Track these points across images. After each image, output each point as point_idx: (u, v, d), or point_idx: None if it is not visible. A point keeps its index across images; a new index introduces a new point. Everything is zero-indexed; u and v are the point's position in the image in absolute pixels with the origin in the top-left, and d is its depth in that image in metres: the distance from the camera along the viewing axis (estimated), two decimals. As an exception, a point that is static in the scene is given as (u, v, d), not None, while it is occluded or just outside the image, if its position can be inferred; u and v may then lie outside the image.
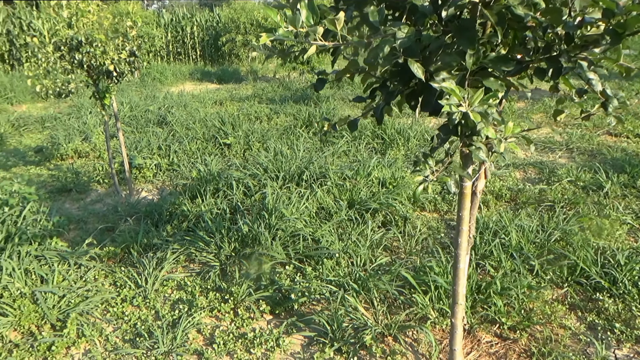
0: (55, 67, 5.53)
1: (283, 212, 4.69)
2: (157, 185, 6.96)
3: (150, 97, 12.39)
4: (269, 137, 7.94)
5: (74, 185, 6.81)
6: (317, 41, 1.74)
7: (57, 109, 12.08)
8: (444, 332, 3.41)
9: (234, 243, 4.54)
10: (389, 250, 4.57)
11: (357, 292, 3.71)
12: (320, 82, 2.35)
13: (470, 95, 1.70)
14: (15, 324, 3.66)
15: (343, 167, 6.05)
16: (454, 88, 1.63)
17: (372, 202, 5.06)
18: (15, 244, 4.38)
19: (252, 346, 3.33)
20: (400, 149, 7.34)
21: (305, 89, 12.66)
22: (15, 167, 7.93)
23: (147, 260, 4.38)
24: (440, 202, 5.43)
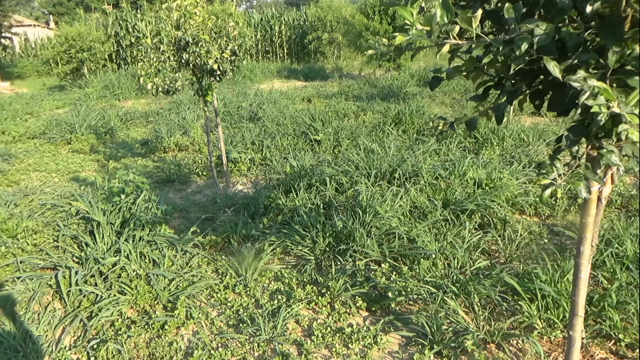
0: (164, 66, 5.93)
1: (377, 209, 4.68)
2: (251, 178, 7.24)
3: (241, 94, 12.91)
4: (358, 134, 7.96)
5: (176, 176, 7.27)
6: (452, 39, 1.70)
7: (158, 105, 12.94)
8: (551, 344, 3.23)
9: (328, 238, 4.61)
10: (487, 254, 4.41)
11: (457, 295, 3.61)
12: (435, 80, 2.30)
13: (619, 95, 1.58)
14: (132, 302, 3.98)
15: (436, 167, 5.92)
16: (606, 87, 1.53)
17: (468, 202, 4.90)
18: (131, 228, 4.76)
19: (349, 341, 3.37)
20: (495, 149, 7.05)
21: (392, 86, 12.53)
22: (124, 158, 8.62)
23: (246, 250, 4.56)
24: (542, 206, 5.14)
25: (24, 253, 4.67)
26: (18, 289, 4.11)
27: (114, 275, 4.20)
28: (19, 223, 5.12)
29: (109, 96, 14.89)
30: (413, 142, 7.56)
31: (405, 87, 12.29)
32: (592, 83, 1.57)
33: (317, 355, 3.29)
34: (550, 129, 7.97)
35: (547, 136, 7.53)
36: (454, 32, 1.67)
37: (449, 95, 11.60)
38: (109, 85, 15.61)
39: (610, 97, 1.52)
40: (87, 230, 4.95)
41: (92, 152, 9.03)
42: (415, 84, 13.07)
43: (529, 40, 1.61)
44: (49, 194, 6.48)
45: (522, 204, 5.16)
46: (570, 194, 5.26)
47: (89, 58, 18.23)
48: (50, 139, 9.74)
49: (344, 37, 16.92)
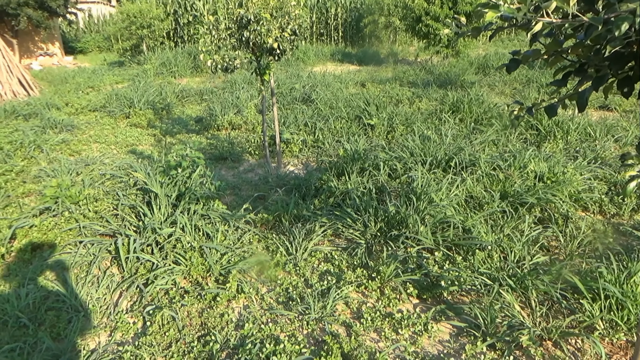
0: (225, 43, 6.01)
1: (432, 197, 4.60)
2: (302, 160, 7.29)
3: (294, 76, 12.96)
4: (413, 120, 7.83)
5: (229, 154, 7.42)
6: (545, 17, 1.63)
7: (213, 84, 13.21)
8: (613, 346, 3.10)
9: (380, 223, 4.58)
10: (546, 250, 4.26)
11: (513, 288, 3.52)
12: (513, 62, 2.21)
13: None
14: (185, 273, 4.12)
15: (494, 157, 5.75)
16: None
17: (528, 196, 4.73)
18: (186, 202, 4.91)
19: (399, 327, 3.35)
20: (559, 143, 6.75)
21: (449, 73, 12.21)
22: (179, 134, 8.87)
23: (296, 230, 4.62)
24: (607, 203, 4.90)
25: (85, 219, 4.92)
26: (80, 253, 4.34)
27: (169, 245, 4.35)
28: (81, 190, 5.39)
29: (165, 73, 15.32)
30: (470, 132, 7.36)
31: (463, 74, 11.94)
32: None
33: (366, 338, 3.30)
34: (619, 124, 7.55)
35: (616, 132, 7.14)
36: (550, 8, 1.59)
37: (510, 85, 11.18)
38: (165, 63, 16.05)
39: None
40: (144, 201, 5.14)
41: (149, 127, 9.34)
42: (474, 72, 12.68)
43: (630, 20, 1.51)
44: (108, 164, 6.78)
45: (586, 201, 4.94)
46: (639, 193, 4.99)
47: (148, 35, 18.78)
48: (110, 113, 10.15)
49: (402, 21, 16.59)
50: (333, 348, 3.07)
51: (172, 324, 3.49)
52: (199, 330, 3.46)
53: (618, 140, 6.77)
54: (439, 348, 3.21)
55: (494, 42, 19.28)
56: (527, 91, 10.43)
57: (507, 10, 1.64)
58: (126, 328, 3.47)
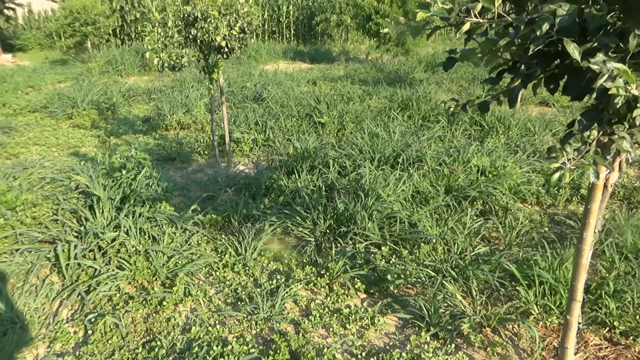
0: (171, 41, 5.89)
1: (380, 193, 4.69)
2: (252, 159, 7.25)
3: (246, 74, 12.84)
4: (363, 118, 7.94)
5: (178, 154, 7.28)
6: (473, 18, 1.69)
7: (161, 83, 12.89)
8: (546, 330, 3.26)
9: (329, 220, 4.63)
10: (487, 241, 4.43)
11: (455, 279, 3.64)
12: (450, 60, 2.29)
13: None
14: (130, 278, 4.02)
15: (440, 153, 5.92)
16: (626, 69, 1.52)
17: (471, 189, 4.91)
18: (131, 204, 4.78)
19: (347, 322, 3.41)
20: (500, 137, 7.03)
21: (399, 71, 12.45)
22: (125, 135, 8.62)
23: (246, 230, 4.59)
24: (544, 195, 5.15)
25: (22, 226, 4.70)
26: (16, 262, 4.15)
27: (113, 250, 4.23)
28: (18, 195, 5.14)
29: (111, 72, 14.82)
30: (418, 128, 7.54)
31: (412, 72, 12.21)
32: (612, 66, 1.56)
33: (315, 335, 3.34)
34: (557, 119, 7.94)
35: (554, 126, 7.50)
36: (476, 9, 1.65)
37: (456, 83, 11.52)
38: (112, 61, 15.51)
39: (630, 79, 1.52)
40: (86, 204, 4.97)
41: (93, 128, 9.03)
42: (422, 70, 12.97)
43: (550, 21, 1.60)
44: (48, 167, 6.49)
45: (525, 193, 5.17)
46: (573, 184, 5.26)
47: (93, 32, 18.08)
48: (51, 113, 9.73)
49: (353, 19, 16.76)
50: (281, 346, 3.08)
51: (115, 332, 3.40)
52: (144, 336, 3.39)
53: (555, 135, 7.12)
54: (385, 340, 3.28)
55: (442, 41, 19.79)
56: (472, 88, 10.79)
57: (438, 10, 1.69)
58: (66, 338, 3.35)
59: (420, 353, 3.04)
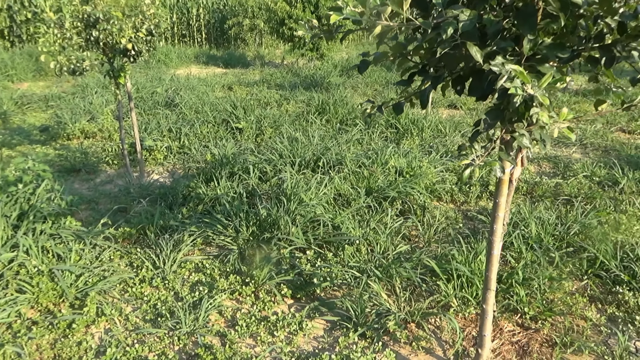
0: (70, 43, 5.53)
1: (302, 197, 4.72)
2: (167, 167, 6.99)
3: (156, 79, 12.36)
4: (281, 122, 7.96)
5: (83, 165, 6.84)
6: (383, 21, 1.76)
7: (60, 88, 12.05)
8: (465, 320, 3.47)
9: (252, 227, 4.58)
10: (407, 239, 4.62)
11: (379, 278, 3.76)
12: (363, 63, 2.37)
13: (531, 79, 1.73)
14: (33, 302, 3.70)
15: (359, 155, 6.08)
16: (521, 70, 1.66)
17: (390, 190, 5.10)
18: (30, 221, 4.41)
19: (274, 329, 3.39)
20: (415, 139, 7.37)
21: (315, 76, 12.64)
22: (20, 146, 7.94)
23: (163, 242, 4.41)
24: (457, 193, 5.47)
25: None
26: None
27: (10, 272, 3.88)
28: None
29: (0, 77, 13.60)
30: (336, 132, 7.70)
31: (328, 77, 12.44)
32: (510, 67, 1.70)
33: (242, 345, 3.28)
34: (465, 120, 8.48)
35: (462, 127, 8.00)
36: (386, 13, 1.72)
37: (371, 87, 11.91)
38: (0, 65, 14.25)
39: (525, 79, 1.66)
40: (-22, 223, 4.51)
41: (-18, 139, 8.22)
42: (338, 74, 13.25)
43: (454, 25, 1.71)
44: None
45: (440, 192, 5.46)
46: (482, 182, 5.65)
47: (-24, 34, 16.51)
48: None
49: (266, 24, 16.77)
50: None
51: (18, 361, 3.12)
52: (52, 363, 3.14)
53: (464, 135, 7.60)
54: (314, 344, 3.31)
55: (355, 46, 20.40)
56: (386, 92, 11.21)
57: (350, 13, 1.75)
58: (-41, 373, 3.01)
59: (349, 354, 3.09)
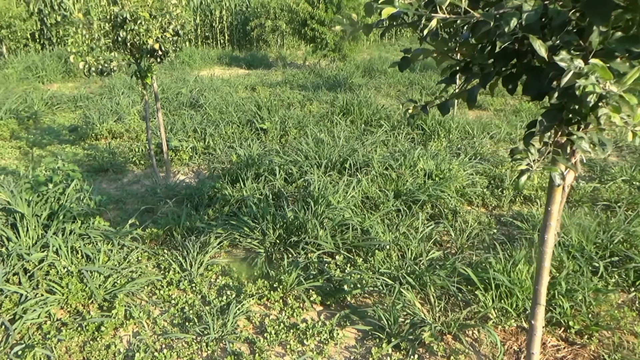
0: (98, 44, 5.49)
1: (330, 200, 4.57)
2: (192, 168, 6.92)
3: (180, 80, 12.37)
4: (305, 123, 7.82)
5: (111, 165, 6.81)
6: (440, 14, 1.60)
7: (88, 89, 12.13)
8: (505, 333, 3.28)
9: (279, 230, 4.45)
10: (439, 244, 4.44)
11: (412, 286, 3.59)
12: (404, 60, 2.21)
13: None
14: (62, 302, 3.63)
15: (386, 157, 5.91)
16: (602, 65, 1.47)
17: (420, 193, 4.91)
18: (60, 221, 4.36)
19: (304, 337, 3.25)
20: (442, 141, 7.16)
21: (337, 76, 12.48)
22: (50, 145, 7.97)
23: (190, 243, 4.32)
24: (489, 196, 5.26)
25: None
26: None
27: (41, 272, 3.82)
28: None
29: (31, 78, 13.76)
30: (362, 133, 7.53)
31: (351, 77, 12.26)
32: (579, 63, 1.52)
33: (271, 353, 3.15)
34: (492, 122, 8.22)
35: (491, 129, 7.75)
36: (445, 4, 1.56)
37: (394, 87, 11.71)
38: (31, 67, 14.41)
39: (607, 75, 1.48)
40: (8, 223, 4.47)
41: (13, 139, 8.28)
42: (360, 75, 13.08)
43: (517, 17, 1.54)
44: (-39, 183, 5.84)
45: (471, 195, 5.25)
46: (515, 185, 5.41)
47: (8, 36, 16.79)
48: (-38, 123, 8.82)
49: (288, 25, 16.66)
50: (236, 369, 2.87)
51: (46, 365, 3.04)
52: (80, 367, 3.05)
53: (492, 137, 7.35)
54: (346, 355, 3.16)
55: (376, 47, 20.15)
56: (410, 93, 11.00)
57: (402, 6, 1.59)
58: (-13, 376, 2.95)
59: (383, 365, 2.94)
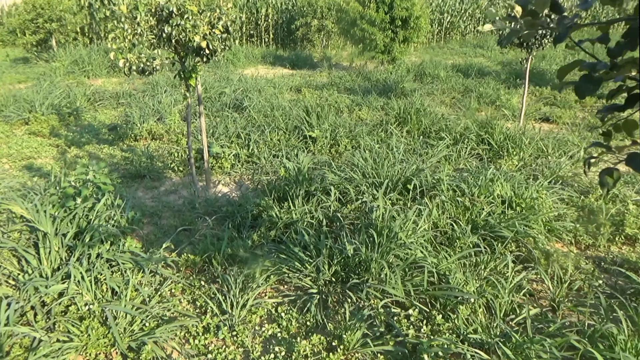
0: (141, 39, 4.87)
1: (397, 232, 3.78)
2: (235, 178, 6.25)
3: (224, 79, 11.79)
4: (357, 133, 7.03)
5: (148, 171, 6.22)
6: None
7: (131, 86, 11.71)
8: None
9: (335, 266, 3.70)
10: (529, 295, 3.58)
11: None
12: (589, 83, 1.40)
13: None
14: (80, 349, 2.99)
15: (454, 178, 5.05)
16: None
17: (502, 228, 4.06)
18: (86, 244, 3.73)
19: None
20: (513, 159, 6.23)
21: (387, 80, 11.63)
22: (88, 145, 7.48)
23: (231, 276, 3.62)
24: (582, 233, 4.35)
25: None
26: None
27: (59, 308, 3.20)
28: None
29: (77, 72, 13.51)
30: (420, 146, 6.69)
31: (402, 82, 11.39)
32: None
33: None
34: (566, 137, 7.22)
35: (566, 147, 6.76)
36: None
37: (448, 94, 10.76)
38: (78, 61, 14.18)
39: None
40: (30, 241, 3.88)
41: (52, 136, 7.85)
42: (412, 80, 12.17)
43: None
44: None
45: (560, 230, 4.36)
46: (614, 220, 4.48)
47: (58, 29, 16.68)
48: (5, 118, 8.47)
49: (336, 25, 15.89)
50: None
51: None
52: None
53: (571, 157, 6.37)
54: None
55: (425, 50, 19.11)
56: (466, 101, 10.04)
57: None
58: None
59: None
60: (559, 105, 9.70)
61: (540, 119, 8.85)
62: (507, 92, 10.36)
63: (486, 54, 17.42)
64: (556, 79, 12.32)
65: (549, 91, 10.82)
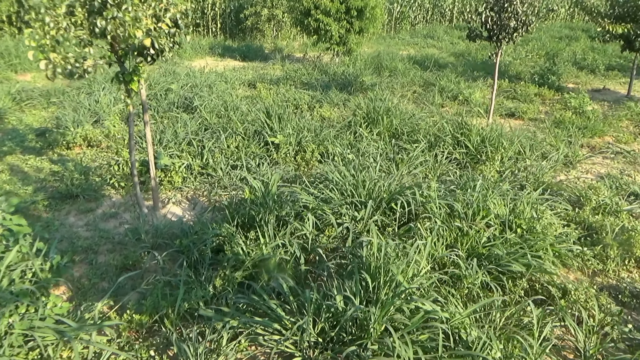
0: (67, 35, 3.79)
1: (395, 275, 3.00)
2: (187, 194, 5.26)
3: (170, 73, 10.51)
4: (324, 137, 6.18)
5: (82, 190, 5.10)
6: None
7: (65, 82, 10.23)
8: None
9: (321, 323, 2.88)
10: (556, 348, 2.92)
11: None
12: None
13: None
14: None
15: (445, 194, 4.33)
16: None
17: (511, 260, 3.38)
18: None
19: None
20: (494, 164, 5.62)
21: (345, 73, 10.83)
22: (11, 155, 6.21)
23: (189, 343, 2.73)
24: (590, 257, 3.77)
25: None
26: None
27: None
28: None
29: (2, 66, 11.77)
30: (393, 149, 5.95)
31: (361, 75, 10.62)
32: None
33: None
34: (540, 137, 6.72)
35: (542, 147, 6.25)
36: None
37: (409, 88, 10.10)
38: (4, 53, 12.38)
39: None
40: None
41: (-34, 145, 6.50)
42: (370, 73, 11.41)
43: None
44: None
45: (565, 254, 3.75)
46: (620, 239, 3.93)
47: (-20, 17, 14.66)
48: None
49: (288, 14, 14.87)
50: None
51: None
52: None
53: (549, 159, 5.83)
54: None
55: (377, 41, 18.39)
56: (428, 95, 9.42)
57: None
58: None
59: None
60: (520, 99, 9.30)
61: (506, 115, 8.37)
62: (467, 86, 9.84)
63: (437, 45, 17.00)
64: (514, 71, 12.03)
65: (507, 84, 10.45)
